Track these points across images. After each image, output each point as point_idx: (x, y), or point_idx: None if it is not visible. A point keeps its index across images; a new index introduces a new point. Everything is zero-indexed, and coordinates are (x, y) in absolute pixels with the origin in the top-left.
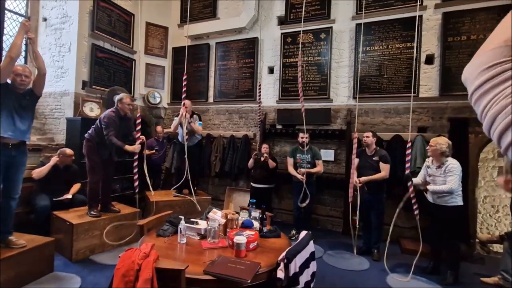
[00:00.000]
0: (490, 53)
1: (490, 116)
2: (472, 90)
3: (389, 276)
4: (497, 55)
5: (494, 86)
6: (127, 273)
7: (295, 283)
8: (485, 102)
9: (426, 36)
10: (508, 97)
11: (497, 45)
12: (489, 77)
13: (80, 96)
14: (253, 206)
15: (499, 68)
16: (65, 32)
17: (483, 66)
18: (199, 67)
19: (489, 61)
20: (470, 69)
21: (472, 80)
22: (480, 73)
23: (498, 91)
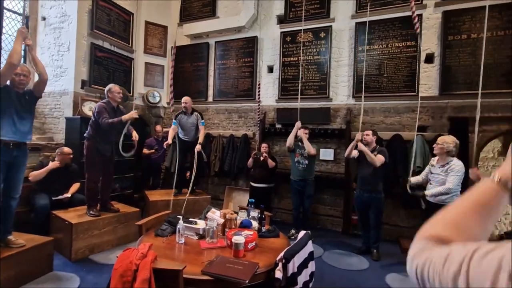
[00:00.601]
0: (414, 244)
1: None
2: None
3: (388, 276)
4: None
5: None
6: (124, 273)
7: (293, 283)
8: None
9: (426, 34)
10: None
11: (417, 238)
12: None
13: (79, 95)
14: (252, 206)
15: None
16: (64, 31)
17: (410, 254)
18: (198, 66)
19: (412, 251)
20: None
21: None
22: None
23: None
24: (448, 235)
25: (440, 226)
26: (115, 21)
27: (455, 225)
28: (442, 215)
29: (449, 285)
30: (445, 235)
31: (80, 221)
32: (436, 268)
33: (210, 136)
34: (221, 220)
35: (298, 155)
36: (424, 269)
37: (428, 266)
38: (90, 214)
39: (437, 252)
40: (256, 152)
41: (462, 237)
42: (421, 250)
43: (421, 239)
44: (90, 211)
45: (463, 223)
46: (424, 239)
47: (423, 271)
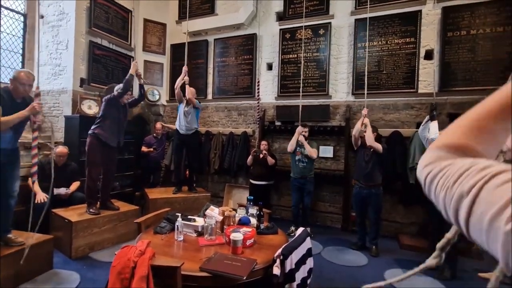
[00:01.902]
0: (428, 154)
1: (443, 210)
2: (423, 187)
3: (387, 272)
4: (430, 156)
5: (431, 182)
6: (122, 270)
7: (291, 279)
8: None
9: (425, 31)
10: (441, 189)
11: (432, 147)
12: (426, 174)
13: (78, 93)
14: (251, 203)
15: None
16: (62, 29)
17: (423, 164)
18: (197, 63)
19: (426, 160)
20: (419, 167)
21: (420, 179)
22: (421, 171)
23: (434, 186)
24: (468, 142)
25: (459, 132)
26: (114, 18)
27: (477, 129)
28: (462, 120)
29: (451, 202)
30: (465, 142)
31: (80, 219)
32: (447, 182)
33: (209, 134)
34: (220, 217)
35: (298, 153)
36: (434, 180)
37: (439, 178)
38: (90, 212)
39: (453, 166)
40: (255, 150)
41: (484, 143)
42: (436, 159)
43: (438, 148)
44: (90, 209)
45: (486, 127)
46: (441, 148)
47: (433, 181)
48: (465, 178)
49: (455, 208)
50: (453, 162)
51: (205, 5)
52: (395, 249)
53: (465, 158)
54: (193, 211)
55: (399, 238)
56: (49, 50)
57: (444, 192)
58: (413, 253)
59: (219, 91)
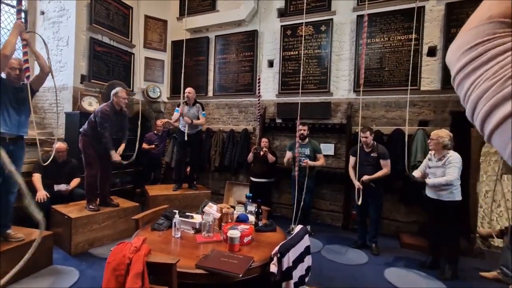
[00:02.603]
0: (473, 32)
1: (472, 100)
2: (454, 73)
3: (387, 270)
4: (480, 34)
5: (476, 68)
6: (117, 267)
7: (289, 277)
8: (467, 86)
9: (428, 27)
10: (490, 79)
11: (479, 22)
12: (471, 58)
13: (79, 90)
14: (249, 200)
15: (482, 48)
16: (63, 25)
17: (465, 46)
18: (198, 60)
19: (471, 40)
20: (453, 50)
21: (454, 62)
22: (462, 54)
23: (480, 73)
24: None
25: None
26: (114, 15)
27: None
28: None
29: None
30: None
31: (79, 216)
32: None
33: (210, 131)
34: (218, 214)
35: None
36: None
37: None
38: (90, 208)
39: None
40: (256, 147)
41: None
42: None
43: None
44: (90, 206)
45: None
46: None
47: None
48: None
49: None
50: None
51: (206, 2)
52: (395, 248)
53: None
54: (193, 208)
55: (400, 236)
56: (49, 46)
57: (493, 82)
58: (414, 252)
59: (220, 88)
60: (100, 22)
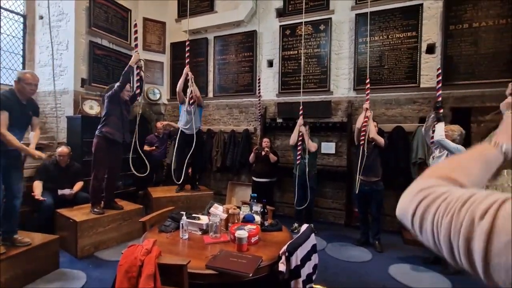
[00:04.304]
0: (417, 184)
1: (444, 242)
2: (410, 218)
3: (391, 267)
4: (421, 184)
5: (427, 208)
6: (130, 269)
7: (297, 275)
8: (429, 228)
9: (427, 25)
10: (445, 215)
11: (421, 178)
12: (420, 199)
13: (80, 94)
14: (254, 200)
15: (426, 191)
16: (62, 29)
17: (412, 194)
18: (197, 62)
19: (415, 189)
20: (402, 205)
21: (407, 210)
22: (411, 201)
23: (433, 211)
24: (457, 177)
25: (448, 168)
26: (113, 18)
27: (461, 169)
28: (448, 161)
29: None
30: (455, 176)
31: (84, 219)
32: (452, 207)
33: (211, 132)
34: (224, 215)
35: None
36: (431, 206)
37: (440, 202)
38: (94, 211)
39: (454, 192)
40: (257, 147)
41: (470, 181)
42: (432, 185)
43: (431, 177)
44: (94, 209)
45: (469, 168)
46: (435, 178)
47: (430, 207)
48: (472, 203)
49: (466, 236)
50: (451, 189)
51: (204, 3)
52: (399, 245)
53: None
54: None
55: (403, 233)
56: (49, 50)
57: (450, 217)
58: (417, 248)
59: (220, 88)
60: (99, 25)
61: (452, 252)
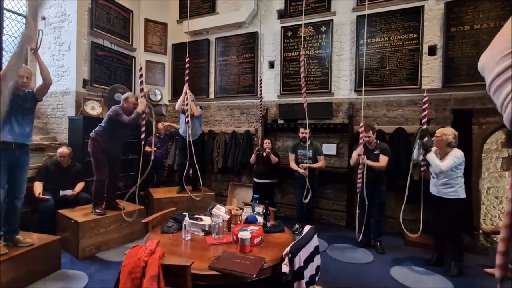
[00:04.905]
0: (508, 40)
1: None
2: (492, 77)
3: (393, 269)
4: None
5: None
6: (133, 270)
7: (300, 277)
8: (503, 95)
9: (428, 26)
10: None
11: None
12: (507, 65)
13: (81, 94)
14: (257, 202)
15: None
16: (64, 30)
17: (501, 53)
18: (199, 63)
19: (507, 47)
20: (488, 56)
21: (492, 67)
22: (501, 59)
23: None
24: None
25: None
26: (115, 19)
27: None
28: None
29: None
30: None
31: (86, 220)
32: None
33: (212, 133)
34: (227, 216)
35: (300, 156)
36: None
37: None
38: (96, 212)
39: None
40: (258, 148)
41: None
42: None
43: None
44: (96, 210)
45: None
46: None
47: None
48: None
49: None
50: None
51: (206, 4)
52: (400, 246)
53: None
54: (198, 210)
55: (404, 235)
56: (51, 51)
57: None
58: (419, 249)
59: (221, 90)
60: (101, 26)
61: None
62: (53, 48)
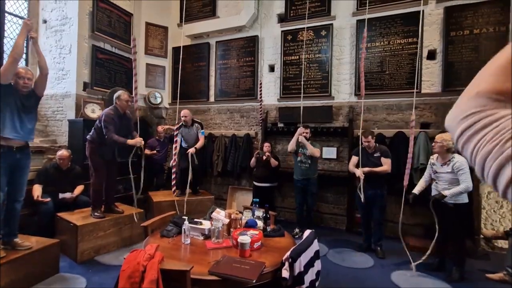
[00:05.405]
0: (466, 104)
1: (478, 162)
2: (456, 137)
3: (394, 273)
4: (471, 106)
5: (475, 133)
6: (132, 274)
7: (300, 282)
8: (470, 149)
9: (428, 31)
10: (490, 142)
11: (471, 96)
12: (468, 125)
13: (82, 97)
14: (257, 205)
15: (476, 117)
16: (65, 33)
17: (462, 115)
18: (199, 66)
19: (466, 110)
20: (451, 117)
21: (454, 128)
22: (460, 121)
23: (479, 137)
24: (507, 86)
25: (493, 79)
26: (116, 22)
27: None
28: (489, 68)
29: (497, 158)
30: (505, 87)
31: (85, 223)
32: (499, 137)
33: (212, 136)
34: (227, 220)
35: (300, 154)
36: (479, 132)
37: (489, 130)
38: (95, 215)
39: (504, 122)
40: (258, 152)
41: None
42: (481, 108)
43: (479, 96)
44: (95, 213)
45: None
46: (482, 95)
47: (478, 133)
48: None
49: (500, 163)
50: (502, 116)
51: (207, 8)
52: (401, 250)
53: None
54: (198, 214)
55: (405, 239)
56: (52, 54)
57: (493, 146)
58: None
59: (221, 93)
60: (102, 29)
61: (482, 172)
62: (54, 51)
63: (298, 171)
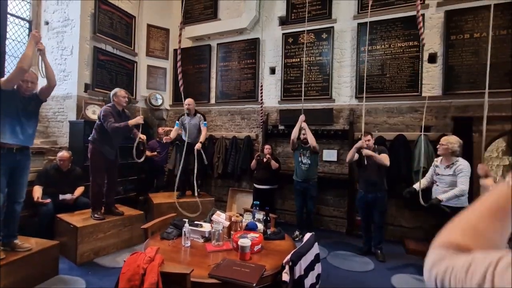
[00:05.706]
0: (432, 254)
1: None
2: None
3: (394, 277)
4: (436, 256)
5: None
6: (132, 277)
7: (301, 285)
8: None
9: (428, 34)
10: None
11: (437, 245)
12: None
13: (83, 99)
14: (257, 208)
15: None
16: (67, 35)
17: (427, 266)
18: (200, 68)
19: (429, 262)
20: (425, 266)
21: (428, 282)
22: (429, 272)
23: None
24: (466, 242)
25: (457, 233)
26: (117, 24)
27: (472, 231)
28: (458, 221)
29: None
30: (463, 242)
31: (85, 225)
32: (459, 276)
33: (213, 138)
34: (227, 222)
35: (301, 154)
36: (445, 278)
37: (449, 275)
38: (95, 217)
39: (458, 261)
40: (259, 154)
41: (481, 243)
42: (440, 259)
43: (439, 247)
44: (95, 215)
45: (481, 228)
46: (442, 247)
47: (444, 280)
48: (474, 269)
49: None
50: (455, 258)
51: (208, 10)
52: (401, 254)
53: (465, 254)
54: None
55: (405, 242)
56: (54, 55)
57: (461, 286)
58: (420, 258)
59: (222, 95)
60: (103, 31)
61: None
62: (55, 52)
63: (299, 173)
